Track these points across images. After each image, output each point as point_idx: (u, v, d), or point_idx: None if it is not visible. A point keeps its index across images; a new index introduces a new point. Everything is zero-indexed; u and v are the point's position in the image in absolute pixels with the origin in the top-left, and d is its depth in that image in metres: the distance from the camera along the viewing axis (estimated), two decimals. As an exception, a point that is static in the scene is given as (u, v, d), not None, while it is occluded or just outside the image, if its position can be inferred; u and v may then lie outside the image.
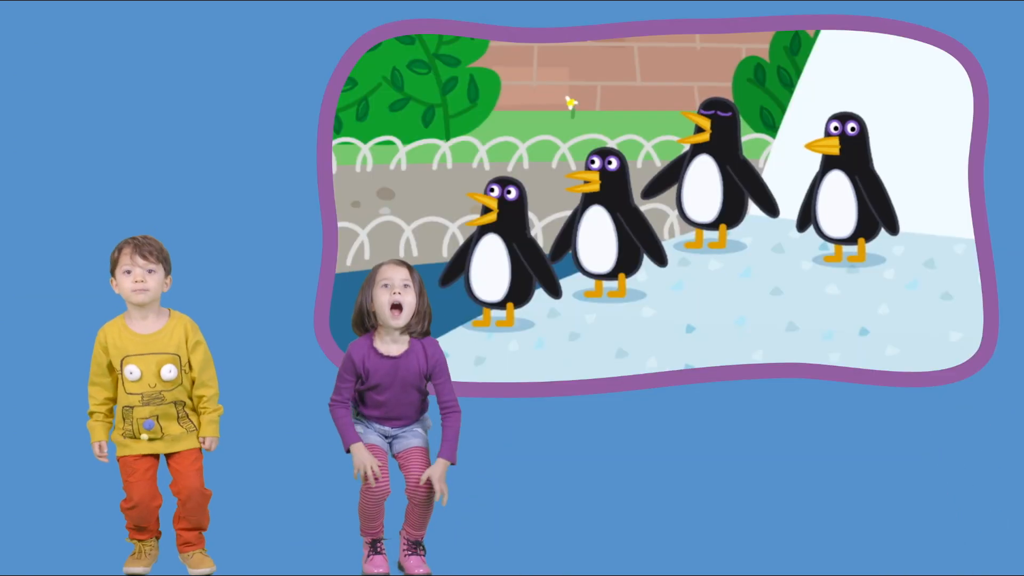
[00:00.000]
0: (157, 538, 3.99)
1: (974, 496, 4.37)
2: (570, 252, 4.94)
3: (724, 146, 4.94)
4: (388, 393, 3.89)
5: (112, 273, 3.83)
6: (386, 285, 3.84)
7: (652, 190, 4.94)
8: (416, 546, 3.90)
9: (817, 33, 4.92)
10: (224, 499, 4.06)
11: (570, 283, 4.96)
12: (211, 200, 4.76)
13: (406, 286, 3.85)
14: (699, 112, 4.92)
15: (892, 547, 4.04)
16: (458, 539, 4.05)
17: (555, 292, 4.92)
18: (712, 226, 4.98)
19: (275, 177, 4.81)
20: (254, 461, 4.46)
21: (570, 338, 4.92)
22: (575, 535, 4.12)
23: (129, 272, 3.80)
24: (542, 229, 4.94)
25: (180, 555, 3.92)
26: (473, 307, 4.92)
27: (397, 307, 3.82)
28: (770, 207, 4.96)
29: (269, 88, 4.76)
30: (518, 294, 4.91)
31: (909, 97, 4.89)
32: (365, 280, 3.91)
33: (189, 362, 3.85)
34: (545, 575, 3.88)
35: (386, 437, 3.94)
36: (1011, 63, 4.78)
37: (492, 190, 4.86)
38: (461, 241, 4.91)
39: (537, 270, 4.91)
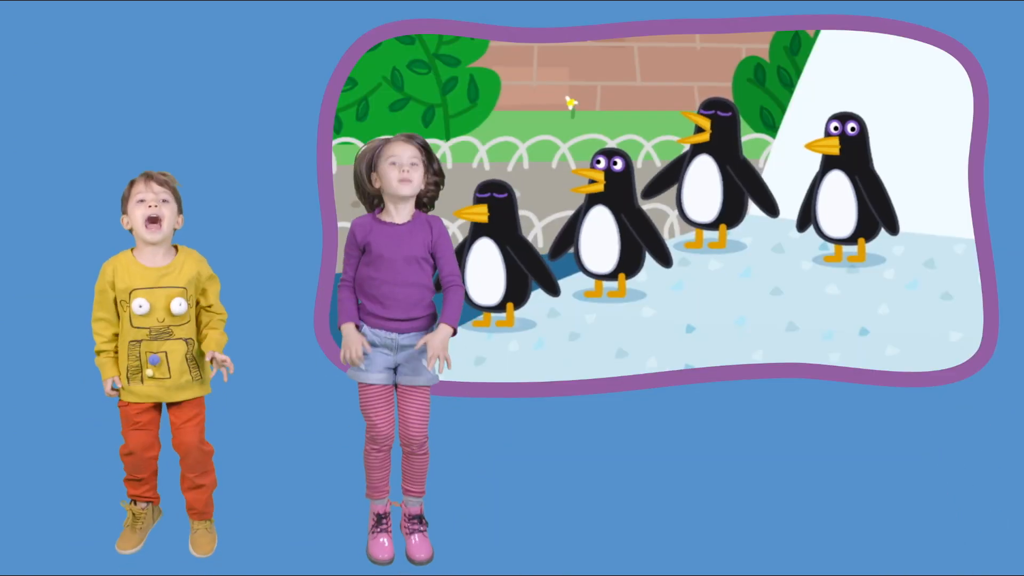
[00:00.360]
0: (154, 504, 3.99)
1: (974, 496, 4.37)
2: (571, 252, 4.94)
3: (724, 146, 4.94)
4: (389, 271, 3.80)
5: (123, 209, 3.76)
6: (394, 163, 3.79)
7: (652, 190, 4.95)
8: (417, 521, 3.91)
9: (817, 33, 4.92)
10: (224, 499, 4.07)
11: (570, 283, 4.96)
12: (211, 200, 4.75)
13: (414, 164, 3.80)
14: (699, 112, 4.92)
15: (892, 547, 4.04)
16: (458, 539, 4.05)
17: (553, 290, 4.93)
18: (712, 226, 4.99)
19: (275, 177, 4.82)
20: (254, 460, 4.46)
21: (570, 338, 4.92)
22: (575, 535, 4.12)
23: (142, 200, 3.73)
24: (542, 229, 4.95)
25: (190, 525, 3.93)
26: (473, 307, 4.93)
27: (406, 181, 3.77)
28: (770, 207, 4.96)
29: (269, 88, 4.77)
30: (516, 295, 4.91)
31: (909, 97, 4.89)
32: (364, 151, 3.85)
33: (198, 299, 3.82)
34: (545, 575, 3.89)
35: (390, 351, 3.85)
36: (1011, 63, 4.78)
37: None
38: (460, 240, 4.91)
39: (532, 269, 4.91)
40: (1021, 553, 4.01)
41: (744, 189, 4.94)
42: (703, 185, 4.96)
